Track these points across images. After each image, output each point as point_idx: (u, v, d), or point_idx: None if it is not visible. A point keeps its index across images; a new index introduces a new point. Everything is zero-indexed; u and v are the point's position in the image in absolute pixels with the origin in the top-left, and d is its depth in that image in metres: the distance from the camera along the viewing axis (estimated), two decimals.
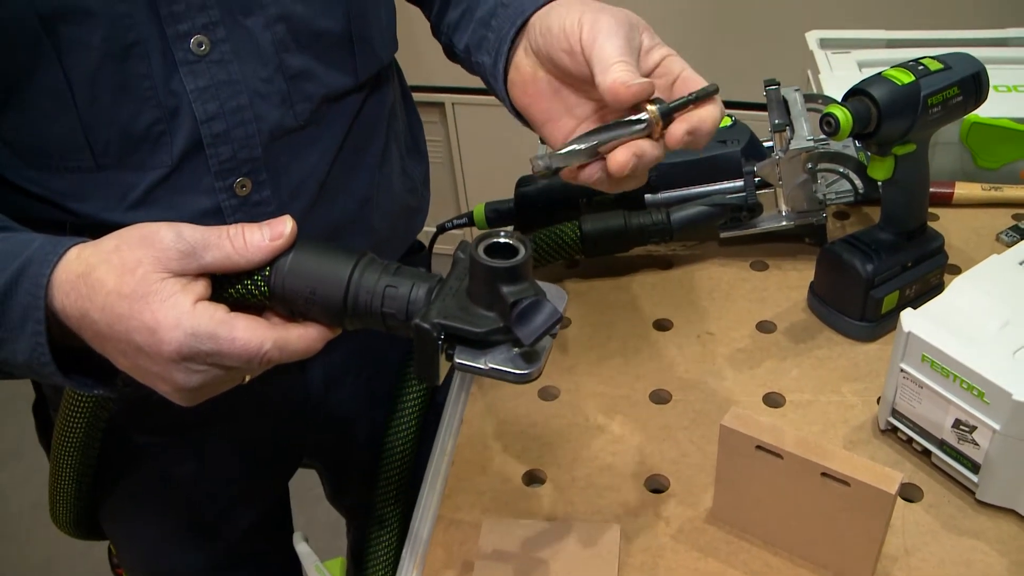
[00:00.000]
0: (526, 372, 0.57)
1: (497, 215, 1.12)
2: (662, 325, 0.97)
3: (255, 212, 0.74)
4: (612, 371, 0.92)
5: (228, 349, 0.56)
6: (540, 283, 0.61)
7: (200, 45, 0.68)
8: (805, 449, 0.66)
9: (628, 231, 1.00)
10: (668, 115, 0.62)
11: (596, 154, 0.63)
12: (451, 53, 0.85)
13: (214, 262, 0.57)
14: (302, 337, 0.59)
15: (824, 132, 0.80)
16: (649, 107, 0.62)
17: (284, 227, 0.59)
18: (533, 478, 0.83)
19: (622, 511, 0.78)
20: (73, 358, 0.61)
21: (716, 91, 0.63)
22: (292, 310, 0.60)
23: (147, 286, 0.55)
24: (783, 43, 1.79)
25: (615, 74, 0.60)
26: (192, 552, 0.96)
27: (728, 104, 2.09)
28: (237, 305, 0.60)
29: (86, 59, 0.64)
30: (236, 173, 0.72)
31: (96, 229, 0.70)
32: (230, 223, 0.73)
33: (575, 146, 0.63)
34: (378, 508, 1.02)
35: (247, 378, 0.60)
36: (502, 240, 0.57)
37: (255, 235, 0.58)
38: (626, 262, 1.05)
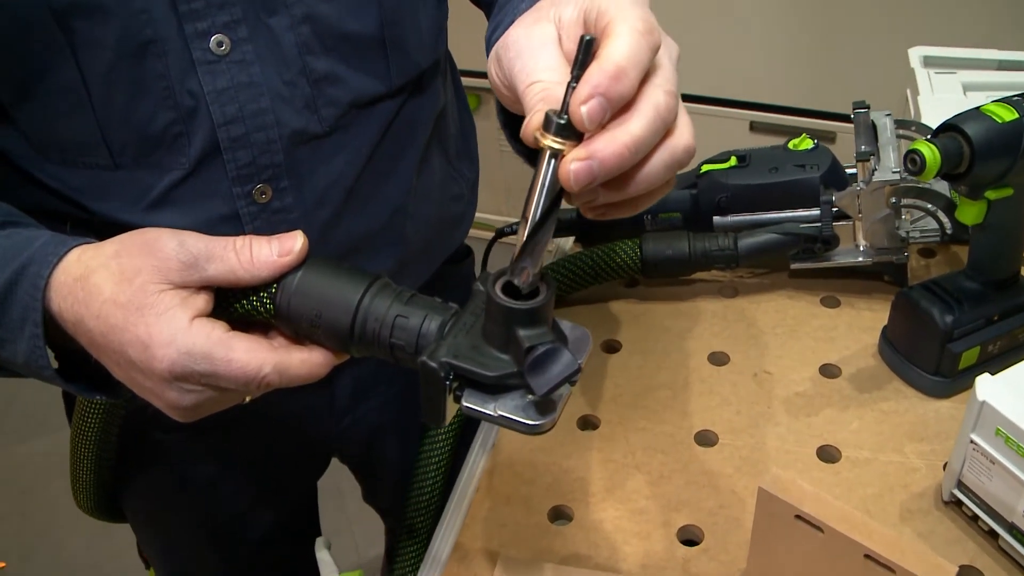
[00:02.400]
0: (537, 424, 0.52)
1: (558, 224, 1.07)
2: (718, 359, 0.91)
3: (276, 220, 0.71)
4: (658, 405, 0.86)
5: (224, 371, 0.53)
6: (564, 323, 0.56)
7: (220, 44, 0.64)
8: (849, 525, 0.60)
9: (692, 256, 0.94)
10: (564, 131, 0.48)
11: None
12: None
13: (217, 275, 0.54)
14: (305, 362, 0.56)
15: (908, 170, 0.72)
16: (542, 140, 0.48)
17: (294, 243, 0.55)
18: (559, 514, 0.78)
19: (648, 561, 0.72)
20: (79, 360, 0.58)
21: (589, 42, 0.46)
22: (297, 332, 0.57)
23: (144, 297, 0.52)
24: (884, 56, 1.69)
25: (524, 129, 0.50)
26: (210, 553, 0.95)
27: (824, 115, 2.00)
28: (242, 321, 0.57)
29: (101, 56, 0.62)
30: (255, 179, 0.69)
31: (112, 229, 0.68)
32: (248, 231, 0.70)
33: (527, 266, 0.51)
34: (408, 517, 0.99)
35: (247, 399, 0.57)
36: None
37: (263, 249, 0.55)
38: (688, 286, 0.99)
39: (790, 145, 0.96)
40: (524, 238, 0.50)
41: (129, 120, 0.65)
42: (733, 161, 0.97)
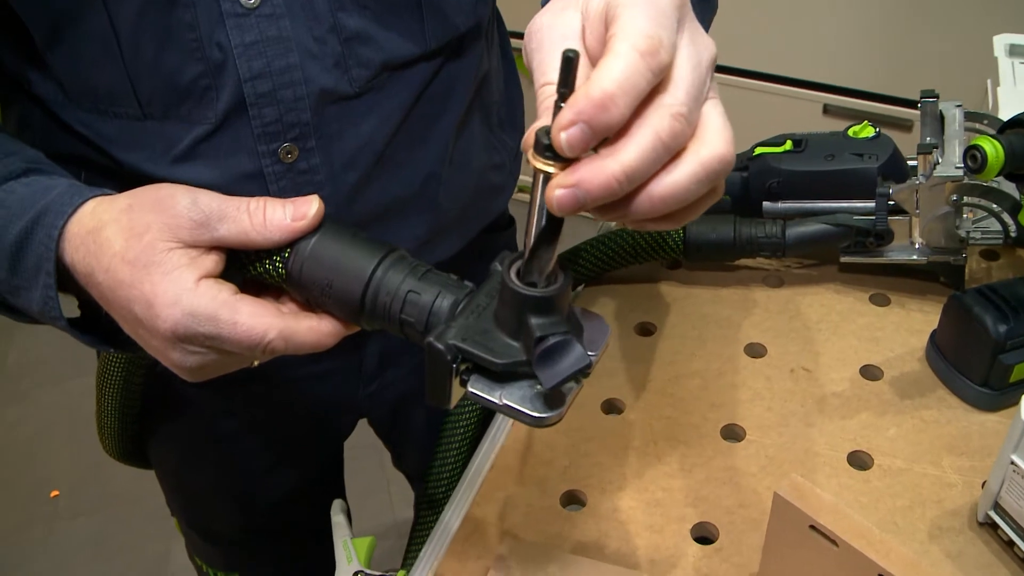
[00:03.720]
0: (543, 416, 0.50)
1: None
2: (755, 350, 0.87)
3: (301, 181, 0.69)
4: (687, 394, 0.83)
5: (228, 334, 0.52)
6: (585, 311, 0.53)
7: None
8: (865, 542, 0.57)
9: (737, 241, 0.90)
10: (551, 152, 0.43)
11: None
12: None
13: (228, 236, 0.53)
14: (312, 330, 0.54)
15: (967, 168, 0.68)
16: (532, 161, 0.44)
17: (309, 208, 0.54)
18: (573, 499, 0.76)
19: (658, 557, 0.70)
20: (95, 310, 0.58)
21: (570, 59, 0.41)
22: (308, 299, 0.56)
23: (152, 255, 0.51)
24: (969, 42, 1.60)
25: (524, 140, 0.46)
26: (230, 509, 0.95)
27: (901, 102, 1.92)
28: (255, 283, 0.56)
29: (130, 3, 0.60)
30: (281, 138, 0.68)
31: (139, 181, 0.68)
32: (273, 191, 0.69)
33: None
34: (430, 487, 0.98)
35: (255, 363, 0.56)
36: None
37: (276, 212, 0.53)
38: (732, 272, 0.95)
39: (850, 132, 0.91)
40: (527, 255, 0.48)
41: (158, 71, 0.64)
42: (788, 145, 0.92)
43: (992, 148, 0.66)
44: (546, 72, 0.46)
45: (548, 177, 0.43)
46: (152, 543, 1.99)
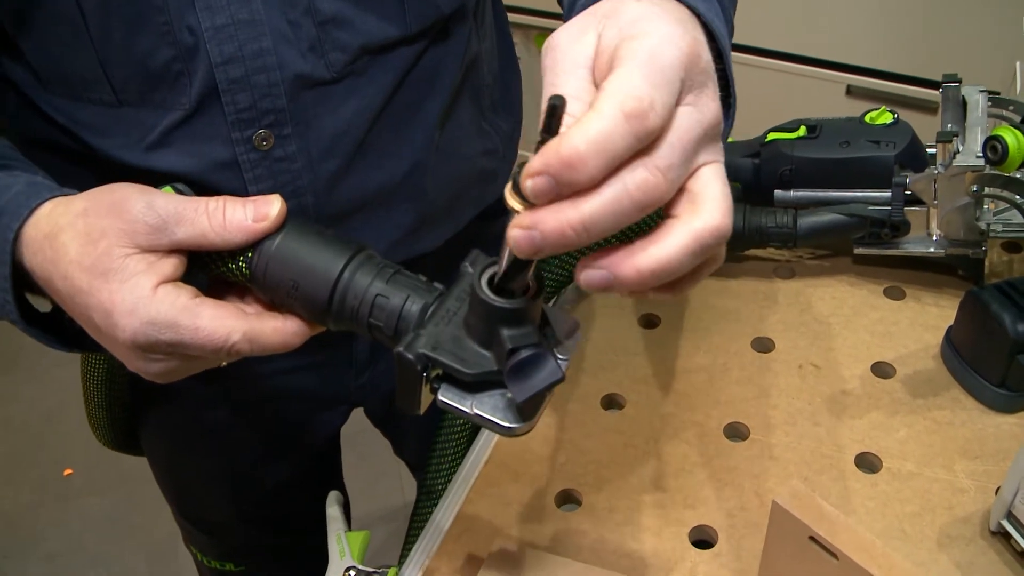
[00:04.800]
0: (514, 427, 0.48)
1: None
2: (763, 345, 0.84)
3: (278, 169, 0.67)
4: (691, 389, 0.80)
5: (190, 339, 0.50)
6: (554, 311, 0.51)
7: None
8: (866, 556, 0.54)
9: (745, 231, 0.87)
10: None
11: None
12: None
13: (187, 239, 0.51)
14: (278, 331, 0.52)
15: (987, 159, 0.64)
16: (507, 199, 0.42)
17: (270, 208, 0.51)
18: (568, 498, 0.74)
19: (655, 561, 0.67)
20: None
21: (555, 107, 0.39)
22: (273, 300, 0.54)
23: (108, 262, 0.50)
24: (997, 23, 1.54)
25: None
26: (222, 499, 0.94)
27: (927, 83, 1.86)
28: (220, 282, 0.54)
29: None
30: (256, 124, 0.65)
31: (113, 167, 0.66)
32: (249, 179, 0.67)
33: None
34: (429, 478, 0.96)
35: (224, 363, 0.54)
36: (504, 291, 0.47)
37: (237, 213, 0.51)
38: (741, 263, 0.92)
39: (867, 118, 0.87)
40: (501, 275, 0.46)
41: (129, 55, 0.62)
42: (802, 131, 0.89)
43: (1014, 139, 0.62)
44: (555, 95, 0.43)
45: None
46: (165, 523, 1.98)
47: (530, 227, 0.40)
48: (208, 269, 0.53)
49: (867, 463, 0.73)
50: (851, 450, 0.74)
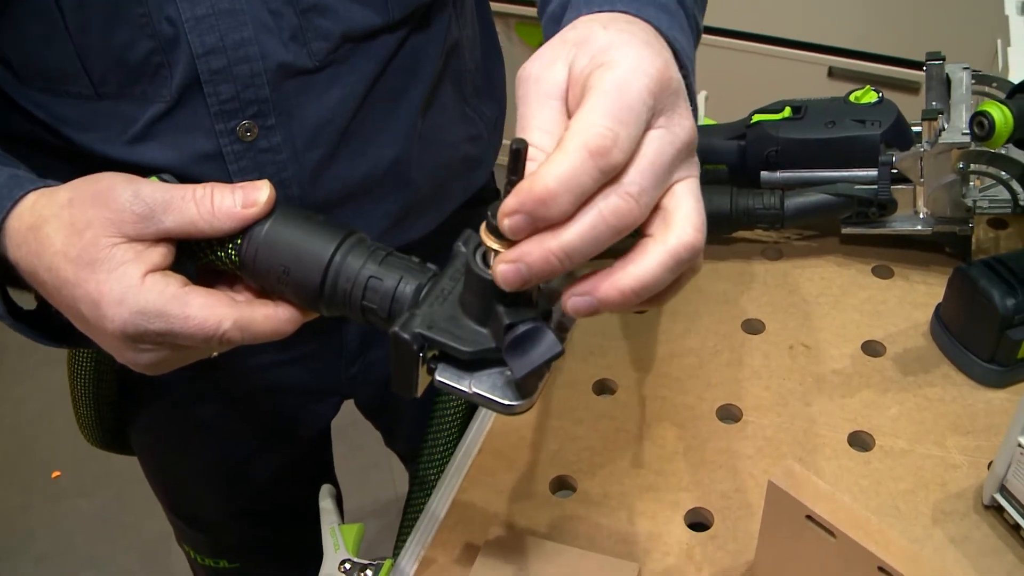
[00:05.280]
0: (514, 404, 0.48)
1: None
2: (753, 326, 0.84)
3: (262, 160, 0.66)
4: (682, 373, 0.80)
5: (180, 328, 0.49)
6: (548, 288, 0.50)
7: None
8: (863, 533, 0.54)
9: (733, 213, 0.87)
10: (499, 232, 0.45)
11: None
12: None
13: (175, 227, 0.50)
14: (269, 318, 0.52)
15: (974, 134, 0.64)
16: (483, 239, 0.46)
17: (259, 194, 0.51)
18: (563, 484, 0.73)
19: (651, 544, 0.67)
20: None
21: (518, 151, 0.43)
22: (264, 286, 0.53)
23: (95, 252, 0.49)
24: (977, 4, 1.55)
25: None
26: (214, 495, 0.93)
27: (908, 63, 1.86)
28: (209, 271, 0.53)
29: None
30: (239, 115, 0.64)
31: (95, 162, 0.65)
32: (233, 170, 0.66)
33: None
34: (422, 469, 0.96)
35: (214, 354, 0.54)
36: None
37: (225, 199, 0.50)
38: (729, 245, 0.92)
39: (851, 97, 0.87)
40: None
41: (108, 48, 0.61)
42: (787, 112, 0.88)
43: (1000, 114, 0.62)
44: (526, 129, 0.46)
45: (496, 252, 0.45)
46: (155, 522, 1.97)
47: (516, 260, 0.43)
48: (196, 258, 0.53)
49: (860, 442, 0.73)
50: (843, 429, 0.74)
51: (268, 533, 0.99)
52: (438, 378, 0.48)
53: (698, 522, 0.70)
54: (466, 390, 0.48)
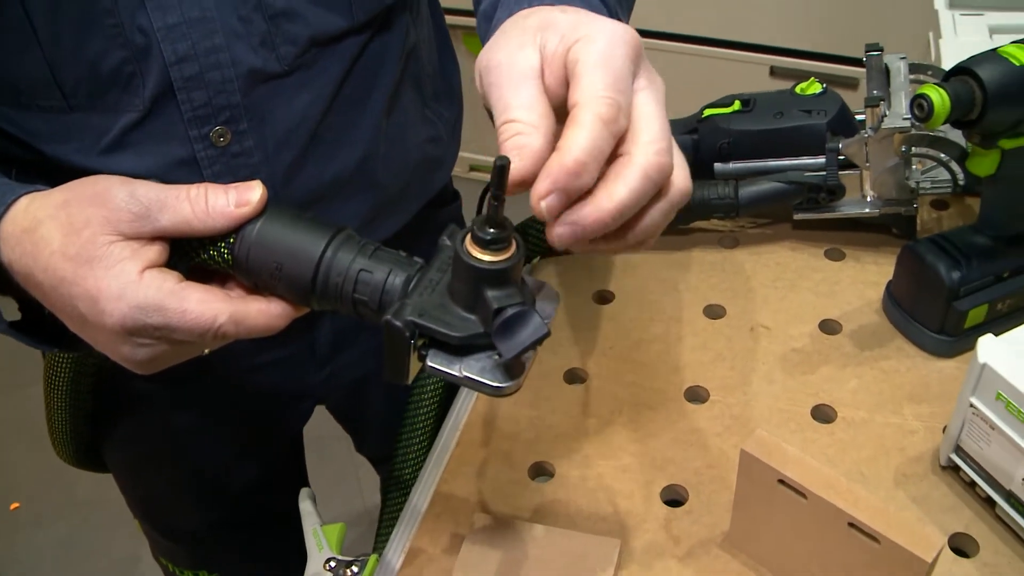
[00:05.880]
0: (503, 386, 0.50)
1: None
2: (714, 311, 0.87)
3: (236, 164, 0.68)
4: (649, 359, 0.83)
5: (177, 322, 0.50)
6: (531, 279, 0.53)
7: None
8: (833, 492, 0.57)
9: (690, 204, 0.89)
10: (495, 244, 0.49)
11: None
12: None
13: (170, 226, 0.51)
14: (262, 312, 0.53)
15: (914, 116, 0.68)
16: (473, 252, 0.49)
17: (252, 194, 0.52)
18: (540, 470, 0.76)
19: (630, 521, 0.70)
20: (38, 309, 0.56)
21: (503, 167, 0.45)
22: (256, 283, 0.54)
23: (93, 250, 0.50)
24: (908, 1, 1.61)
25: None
26: (192, 505, 0.94)
27: (846, 60, 1.92)
28: (200, 269, 0.55)
29: None
30: (212, 121, 0.66)
31: (68, 174, 0.65)
32: (207, 175, 0.67)
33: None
34: (397, 468, 0.97)
35: (206, 351, 0.55)
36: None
37: (219, 199, 0.52)
38: (686, 235, 0.95)
39: (797, 89, 0.91)
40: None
41: (79, 59, 0.62)
42: (737, 105, 0.92)
43: (938, 96, 0.66)
44: (507, 109, 0.49)
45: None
46: (121, 546, 1.96)
47: (573, 223, 0.47)
48: (188, 257, 0.54)
49: (823, 414, 0.77)
50: (806, 404, 0.77)
51: (247, 540, 1.00)
52: (429, 363, 0.51)
53: (673, 499, 0.72)
54: (456, 374, 0.50)
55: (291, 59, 0.68)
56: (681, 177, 0.50)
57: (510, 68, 0.49)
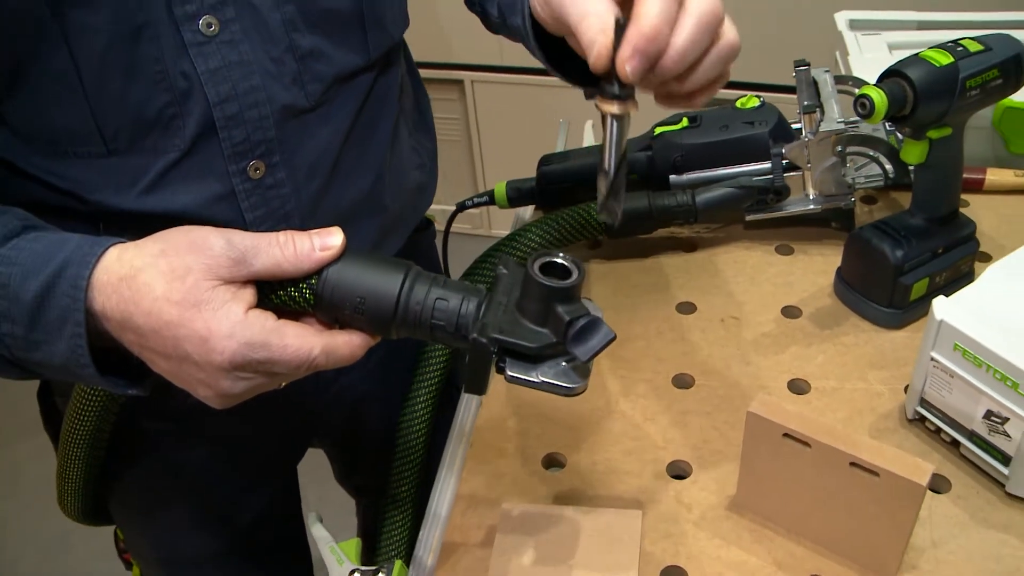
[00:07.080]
0: (576, 386, 0.59)
1: (518, 194, 1.10)
2: (686, 308, 0.96)
3: (269, 195, 0.73)
4: (634, 355, 0.90)
5: (279, 356, 0.56)
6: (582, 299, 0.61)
7: (209, 26, 0.66)
8: (833, 438, 0.65)
9: (652, 212, 0.99)
10: (620, 95, 0.61)
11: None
12: (488, 23, 0.84)
13: (263, 269, 0.57)
14: (347, 343, 0.59)
15: (858, 114, 0.78)
16: (603, 107, 0.62)
17: (333, 239, 0.58)
18: (552, 461, 0.82)
19: (643, 497, 0.77)
20: (106, 357, 0.60)
21: (621, 24, 0.58)
22: (337, 318, 0.60)
23: (199, 294, 0.55)
24: (811, 24, 1.76)
25: (589, 50, 0.60)
26: (202, 540, 0.95)
27: (755, 87, 2.06)
28: (277, 310, 0.60)
29: (94, 42, 0.62)
30: (249, 156, 0.71)
31: (106, 217, 0.69)
32: (244, 207, 0.73)
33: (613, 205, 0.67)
34: (393, 487, 1.01)
35: (283, 384, 0.60)
36: (556, 260, 0.59)
37: (305, 244, 0.58)
38: (650, 244, 1.04)
39: (738, 104, 1.01)
40: (606, 188, 0.64)
41: (123, 105, 0.65)
42: (685, 122, 1.02)
43: (878, 95, 0.76)
44: (583, 9, 0.60)
45: (617, 119, 0.62)
46: None
47: (643, 51, 0.57)
48: (269, 299, 0.59)
49: (797, 387, 0.85)
50: (782, 380, 0.86)
51: (255, 569, 1.02)
52: (509, 372, 0.58)
53: (678, 473, 0.79)
54: (535, 380, 0.58)
55: (318, 95, 0.73)
56: (731, 32, 0.60)
57: None
